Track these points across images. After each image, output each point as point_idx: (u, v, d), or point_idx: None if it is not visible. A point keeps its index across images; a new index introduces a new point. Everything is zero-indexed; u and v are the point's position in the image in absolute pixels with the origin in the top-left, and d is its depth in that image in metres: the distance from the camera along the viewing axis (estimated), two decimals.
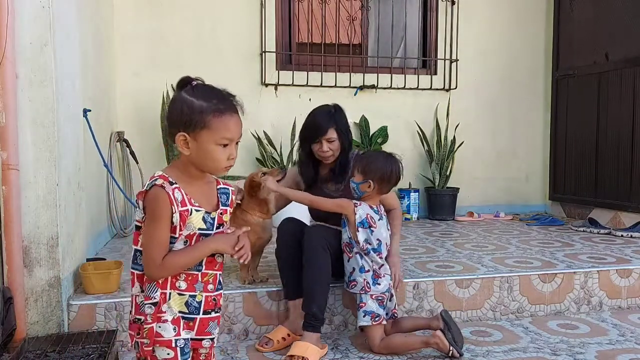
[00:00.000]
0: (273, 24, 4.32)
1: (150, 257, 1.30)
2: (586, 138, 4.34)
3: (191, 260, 1.34)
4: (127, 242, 3.55)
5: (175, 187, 1.30)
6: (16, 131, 2.09)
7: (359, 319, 2.22)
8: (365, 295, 2.21)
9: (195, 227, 1.33)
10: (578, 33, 4.41)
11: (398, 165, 2.28)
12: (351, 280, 2.25)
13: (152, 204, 1.29)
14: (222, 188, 1.43)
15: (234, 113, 1.36)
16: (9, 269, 2.10)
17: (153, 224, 1.30)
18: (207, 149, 1.31)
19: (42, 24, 2.13)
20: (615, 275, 2.79)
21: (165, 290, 1.33)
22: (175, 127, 1.32)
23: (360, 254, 2.23)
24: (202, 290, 1.37)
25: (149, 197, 1.30)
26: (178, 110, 1.33)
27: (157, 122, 3.98)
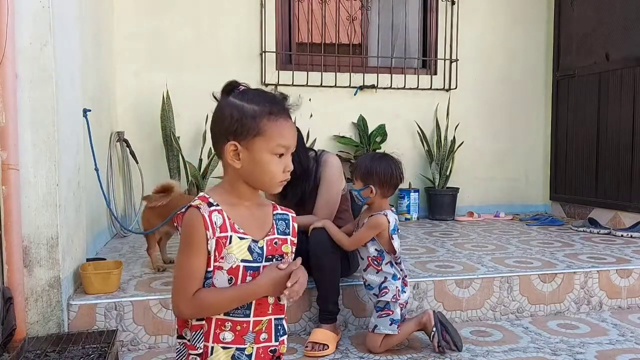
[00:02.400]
0: (273, 24, 4.32)
1: (178, 289, 1.12)
2: (586, 138, 4.34)
3: (230, 303, 1.12)
4: (127, 242, 3.56)
5: (214, 210, 1.12)
6: (16, 131, 2.09)
7: (383, 326, 2.17)
8: (394, 303, 2.17)
9: (237, 259, 1.12)
10: (578, 33, 4.41)
11: (397, 165, 2.22)
12: (383, 288, 2.19)
13: (185, 228, 1.12)
14: (279, 214, 1.23)
15: (289, 118, 1.19)
16: (9, 269, 2.10)
17: (185, 250, 1.12)
18: (262, 159, 1.14)
19: (42, 24, 2.13)
20: (615, 275, 2.79)
21: (208, 343, 1.13)
22: (224, 137, 1.15)
23: (391, 263, 2.20)
24: (253, 341, 1.14)
25: (184, 221, 1.13)
26: (227, 117, 1.15)
27: (157, 122, 3.98)
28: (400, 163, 2.25)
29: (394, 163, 2.22)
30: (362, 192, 2.21)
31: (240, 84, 1.24)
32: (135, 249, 3.32)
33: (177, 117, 4.01)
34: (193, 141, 4.17)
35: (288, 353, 2.24)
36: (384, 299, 2.18)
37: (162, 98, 3.93)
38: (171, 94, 3.97)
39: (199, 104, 4.14)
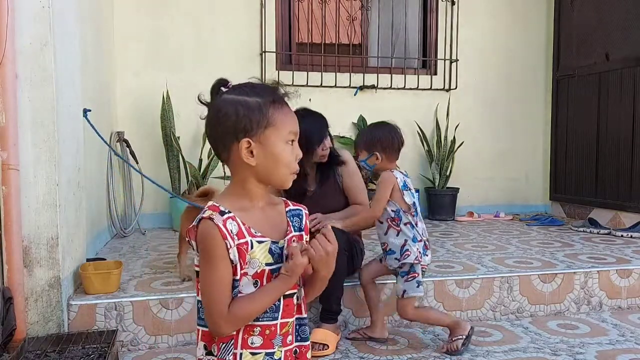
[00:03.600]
0: (273, 24, 4.32)
1: (213, 309, 1.05)
2: (586, 138, 4.34)
3: (264, 306, 1.08)
4: (127, 242, 3.56)
5: (227, 217, 1.06)
6: (16, 131, 2.09)
7: (411, 290, 2.20)
8: (417, 265, 2.22)
9: (261, 263, 1.08)
10: (578, 33, 4.41)
11: (395, 130, 2.30)
12: (404, 251, 2.21)
13: (203, 242, 1.06)
14: (292, 210, 1.18)
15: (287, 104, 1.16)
16: (9, 269, 2.10)
17: (208, 265, 1.05)
18: (277, 150, 1.09)
19: (42, 24, 2.13)
20: (615, 275, 2.79)
21: (236, 350, 1.08)
22: (231, 136, 1.09)
23: (411, 224, 2.23)
24: (281, 344, 1.11)
25: (199, 234, 1.07)
26: (230, 115, 1.09)
27: (157, 122, 3.98)
28: (398, 128, 2.32)
29: (393, 128, 2.31)
30: (368, 160, 2.28)
31: (227, 80, 1.20)
32: (135, 249, 3.32)
33: (177, 117, 4.01)
34: (193, 141, 4.17)
35: None
36: (407, 261, 2.20)
37: (162, 98, 3.93)
38: (171, 94, 3.97)
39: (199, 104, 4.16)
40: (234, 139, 1.09)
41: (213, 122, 1.14)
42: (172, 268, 2.80)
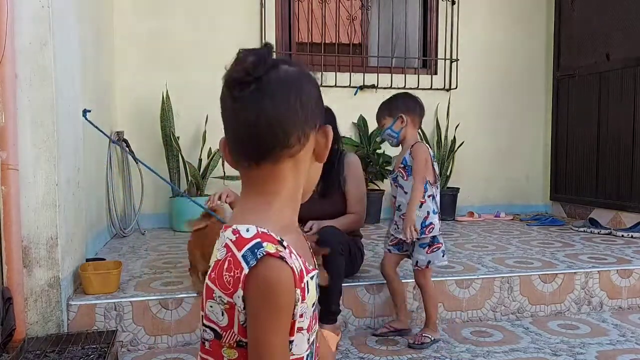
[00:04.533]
0: (273, 24, 4.32)
1: None
2: (587, 138, 4.34)
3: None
4: (127, 242, 3.55)
5: (288, 249, 0.75)
6: (16, 131, 2.09)
7: (437, 260, 2.27)
8: (440, 236, 2.28)
9: (310, 306, 0.79)
10: (579, 33, 4.41)
11: (414, 95, 2.35)
12: (427, 225, 2.26)
13: (272, 292, 0.72)
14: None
15: None
16: (8, 269, 2.10)
17: (274, 324, 0.72)
18: (326, 147, 0.82)
19: (41, 24, 2.12)
20: (616, 275, 2.79)
21: None
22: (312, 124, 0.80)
23: (433, 196, 2.28)
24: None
25: (262, 281, 0.71)
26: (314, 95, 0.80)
27: (156, 122, 3.97)
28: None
29: (410, 94, 2.36)
30: (393, 126, 2.29)
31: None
32: (134, 249, 3.32)
33: (177, 117, 4.01)
34: (193, 141, 4.17)
35: None
36: (433, 234, 2.26)
37: (161, 98, 3.93)
38: (171, 94, 3.96)
39: (199, 104, 4.15)
40: (314, 126, 0.79)
41: (289, 100, 0.77)
42: (172, 268, 2.80)
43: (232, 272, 0.73)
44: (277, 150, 0.77)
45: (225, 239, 0.75)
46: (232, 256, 0.73)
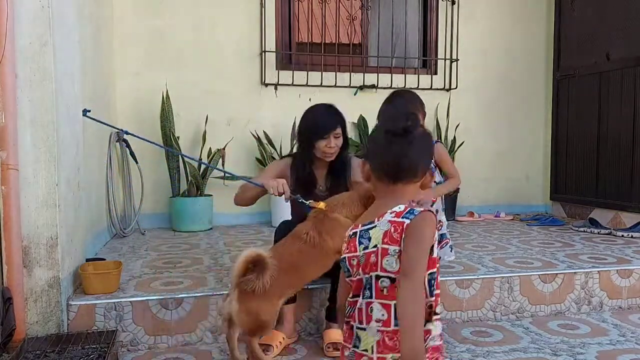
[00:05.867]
0: (273, 24, 4.32)
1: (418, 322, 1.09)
2: (587, 138, 4.34)
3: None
4: (127, 242, 3.55)
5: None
6: (16, 131, 2.09)
7: (447, 255, 2.35)
8: (447, 233, 2.35)
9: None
10: (579, 33, 4.41)
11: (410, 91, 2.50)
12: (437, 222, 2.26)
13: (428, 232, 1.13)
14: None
15: None
16: (8, 269, 2.10)
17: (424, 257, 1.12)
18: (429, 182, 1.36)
19: (41, 24, 2.13)
20: (616, 275, 2.79)
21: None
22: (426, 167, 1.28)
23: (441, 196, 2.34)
24: None
25: (429, 221, 1.13)
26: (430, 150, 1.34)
27: (156, 122, 3.97)
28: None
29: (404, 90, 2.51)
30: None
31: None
32: (134, 249, 3.32)
33: (177, 117, 4.01)
34: (192, 141, 4.17)
35: (288, 353, 2.24)
36: (442, 232, 2.32)
37: (161, 98, 3.92)
38: (171, 94, 3.96)
39: (199, 104, 4.15)
40: (427, 167, 1.26)
41: (428, 148, 1.28)
42: (172, 268, 2.80)
43: (398, 230, 1.14)
44: (409, 178, 1.23)
45: (386, 218, 1.17)
46: (395, 222, 1.16)
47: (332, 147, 2.36)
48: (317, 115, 2.41)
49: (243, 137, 4.25)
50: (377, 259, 1.15)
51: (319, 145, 2.35)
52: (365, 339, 1.15)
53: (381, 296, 1.14)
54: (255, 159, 4.26)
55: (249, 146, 4.27)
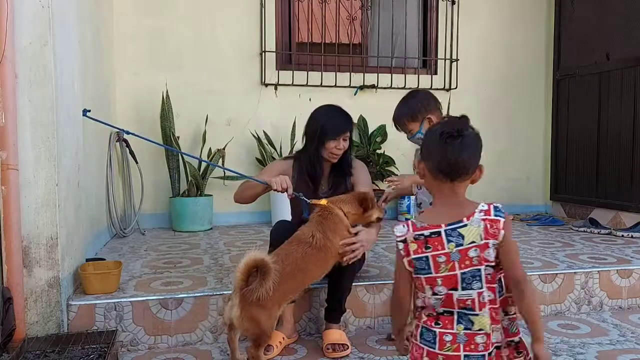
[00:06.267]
0: (273, 24, 4.32)
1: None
2: (587, 138, 4.34)
3: None
4: (127, 242, 3.55)
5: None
6: (15, 131, 2.09)
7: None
8: None
9: None
10: (579, 33, 4.41)
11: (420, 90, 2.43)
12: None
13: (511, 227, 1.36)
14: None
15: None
16: (8, 269, 2.10)
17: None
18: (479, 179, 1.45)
19: (41, 24, 2.13)
20: (616, 275, 2.79)
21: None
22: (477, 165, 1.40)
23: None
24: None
25: (510, 220, 1.36)
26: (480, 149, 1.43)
27: (156, 122, 3.97)
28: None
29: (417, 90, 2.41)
30: (423, 128, 2.28)
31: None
32: (134, 249, 3.32)
33: (177, 117, 4.01)
34: (192, 141, 4.17)
35: (288, 353, 2.24)
36: None
37: (161, 98, 3.93)
38: (171, 93, 3.96)
39: (199, 104, 4.15)
40: (478, 165, 1.39)
41: (479, 148, 1.40)
42: (172, 268, 2.80)
43: (495, 226, 1.33)
44: (463, 176, 1.37)
45: (477, 217, 1.35)
46: (489, 219, 1.34)
47: (340, 149, 2.39)
48: (331, 115, 2.42)
49: (243, 137, 4.25)
50: (480, 253, 1.32)
51: (329, 146, 2.37)
52: (479, 321, 1.33)
53: (487, 282, 1.33)
54: (255, 159, 4.26)
55: (249, 146, 4.27)
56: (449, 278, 1.33)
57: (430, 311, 1.37)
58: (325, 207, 2.17)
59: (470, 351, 1.33)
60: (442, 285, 1.34)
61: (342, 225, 2.16)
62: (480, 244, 1.32)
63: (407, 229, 1.38)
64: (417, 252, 1.36)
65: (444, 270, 1.34)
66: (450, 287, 1.33)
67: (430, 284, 1.35)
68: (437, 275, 1.34)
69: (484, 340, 1.33)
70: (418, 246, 1.36)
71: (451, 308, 1.34)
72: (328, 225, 2.12)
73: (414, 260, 1.36)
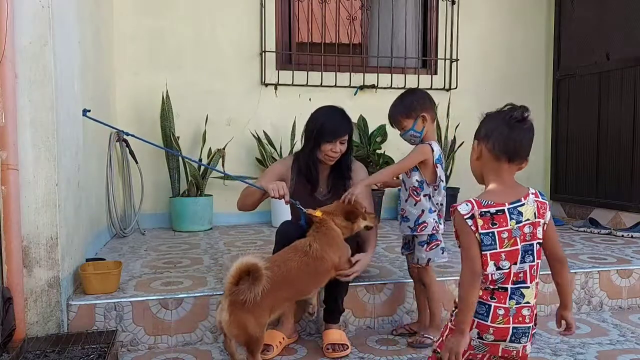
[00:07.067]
0: (273, 24, 4.32)
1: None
2: (587, 138, 4.34)
3: None
4: (127, 242, 3.55)
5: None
6: (15, 131, 2.09)
7: (437, 257, 2.27)
8: (438, 234, 2.28)
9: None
10: (579, 33, 4.41)
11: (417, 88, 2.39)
12: (420, 223, 2.26)
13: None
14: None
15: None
16: (8, 269, 2.10)
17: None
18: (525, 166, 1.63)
19: (41, 24, 2.13)
20: (616, 275, 2.79)
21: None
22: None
23: (429, 196, 2.26)
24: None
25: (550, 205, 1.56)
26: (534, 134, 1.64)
27: (156, 121, 3.97)
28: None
29: (414, 89, 2.38)
30: (416, 126, 2.26)
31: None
32: (134, 249, 3.32)
33: (177, 117, 4.01)
34: (192, 141, 4.17)
35: (288, 353, 2.24)
36: (425, 233, 2.26)
37: (161, 98, 3.93)
38: (171, 94, 3.96)
39: (199, 104, 4.15)
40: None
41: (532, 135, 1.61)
42: (172, 268, 2.80)
43: (543, 207, 1.50)
44: (520, 159, 1.55)
45: (531, 199, 1.50)
46: (539, 201, 1.50)
47: (336, 152, 2.38)
48: (330, 117, 2.41)
49: (243, 137, 4.25)
50: (534, 229, 1.47)
51: (324, 148, 2.36)
52: (529, 294, 1.47)
53: (537, 257, 1.48)
54: (255, 159, 4.26)
55: (249, 146, 4.27)
56: (511, 253, 1.45)
57: (488, 285, 1.47)
58: (322, 220, 2.18)
59: (518, 323, 1.46)
60: (506, 260, 1.45)
61: (339, 239, 2.18)
62: (534, 222, 1.47)
63: (472, 206, 1.49)
64: (484, 227, 1.46)
65: (507, 246, 1.45)
66: (513, 261, 1.45)
67: (494, 259, 1.45)
68: (502, 250, 1.45)
69: (529, 312, 1.47)
70: (484, 222, 1.46)
71: (507, 284, 1.46)
72: (327, 240, 2.14)
73: (482, 236, 1.46)
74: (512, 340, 1.46)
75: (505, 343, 1.47)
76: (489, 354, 1.50)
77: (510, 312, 1.45)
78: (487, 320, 1.45)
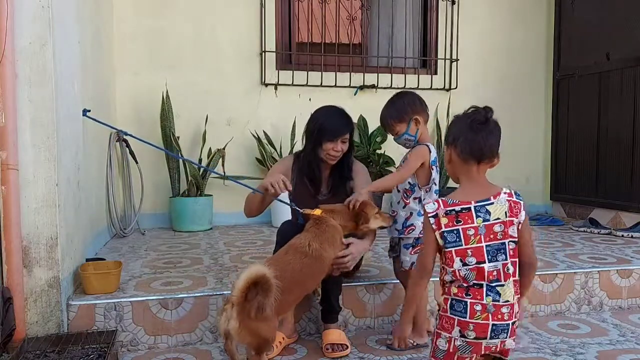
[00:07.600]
0: (273, 24, 4.32)
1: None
2: (587, 138, 4.34)
3: None
4: (127, 242, 3.55)
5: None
6: (15, 131, 2.09)
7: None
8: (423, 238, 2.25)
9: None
10: (579, 33, 4.41)
11: (407, 91, 2.39)
12: (408, 226, 2.25)
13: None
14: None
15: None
16: (8, 269, 2.10)
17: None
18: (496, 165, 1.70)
19: (41, 24, 2.13)
20: (616, 275, 2.79)
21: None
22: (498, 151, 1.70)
23: (419, 199, 2.25)
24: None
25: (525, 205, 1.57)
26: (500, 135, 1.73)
27: (156, 122, 3.97)
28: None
29: (404, 92, 2.38)
30: (410, 129, 2.25)
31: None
32: (134, 249, 3.32)
33: (177, 117, 4.01)
34: (192, 141, 4.17)
35: (288, 353, 2.24)
36: (412, 236, 2.24)
37: (161, 98, 3.93)
38: (171, 93, 3.96)
39: (199, 104, 4.15)
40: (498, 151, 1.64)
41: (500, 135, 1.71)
42: (172, 268, 2.80)
43: (517, 206, 1.54)
44: (488, 160, 1.61)
45: (503, 198, 1.55)
46: (512, 201, 1.55)
47: (337, 151, 2.37)
48: (331, 116, 2.41)
49: (243, 137, 4.25)
50: (504, 228, 1.51)
51: (326, 147, 2.36)
52: (504, 292, 1.49)
53: (511, 256, 1.51)
54: (255, 159, 4.26)
55: (249, 146, 4.27)
56: (477, 250, 1.50)
57: (461, 282, 1.51)
58: (321, 217, 2.16)
59: (497, 321, 1.48)
60: (472, 256, 1.50)
61: (338, 236, 2.17)
62: (505, 221, 1.51)
63: (438, 206, 1.55)
64: (448, 225, 1.52)
65: (473, 242, 1.51)
66: (480, 258, 1.50)
67: (460, 255, 1.51)
68: (468, 247, 1.51)
69: (508, 310, 1.49)
70: (449, 220, 1.52)
71: (481, 281, 1.49)
72: (325, 237, 2.12)
73: (445, 233, 1.52)
74: (492, 337, 1.49)
75: (486, 340, 1.50)
76: (473, 355, 1.52)
77: (489, 309, 1.48)
78: (465, 316, 1.49)
